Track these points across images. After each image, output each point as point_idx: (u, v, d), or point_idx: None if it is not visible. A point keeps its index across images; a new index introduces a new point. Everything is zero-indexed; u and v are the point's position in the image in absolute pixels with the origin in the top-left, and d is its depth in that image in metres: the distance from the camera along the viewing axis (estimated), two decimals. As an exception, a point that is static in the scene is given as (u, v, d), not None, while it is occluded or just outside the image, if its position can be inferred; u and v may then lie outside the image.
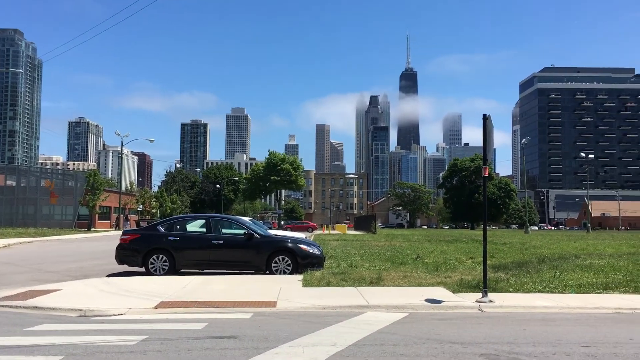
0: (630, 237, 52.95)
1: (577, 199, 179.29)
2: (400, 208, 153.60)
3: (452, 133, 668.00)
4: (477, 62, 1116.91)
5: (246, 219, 21.45)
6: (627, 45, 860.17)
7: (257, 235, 15.34)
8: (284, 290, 11.58)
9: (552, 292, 11.72)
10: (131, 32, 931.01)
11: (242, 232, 15.45)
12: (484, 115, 11.44)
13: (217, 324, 8.15)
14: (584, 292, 11.76)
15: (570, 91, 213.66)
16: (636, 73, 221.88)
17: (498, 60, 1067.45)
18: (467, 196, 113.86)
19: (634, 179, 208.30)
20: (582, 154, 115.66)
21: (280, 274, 14.81)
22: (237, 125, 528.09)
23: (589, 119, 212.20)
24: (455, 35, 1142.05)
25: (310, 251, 15.39)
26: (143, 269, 15.06)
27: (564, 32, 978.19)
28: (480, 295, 10.56)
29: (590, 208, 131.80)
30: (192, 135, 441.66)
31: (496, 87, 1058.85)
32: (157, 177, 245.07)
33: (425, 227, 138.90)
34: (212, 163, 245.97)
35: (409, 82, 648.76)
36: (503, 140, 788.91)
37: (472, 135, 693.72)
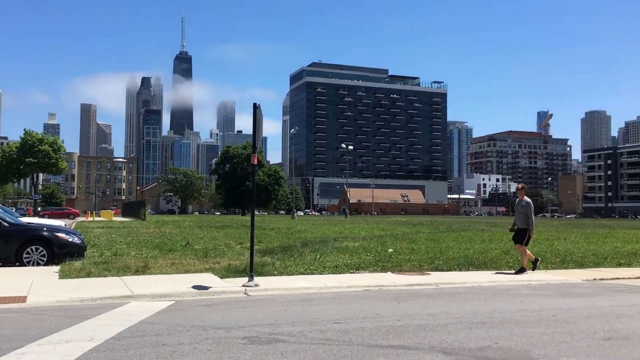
0: (381, 221, 59.27)
1: (338, 187, 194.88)
2: (172, 194, 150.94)
3: (227, 120, 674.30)
4: (260, 52, 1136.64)
5: (-7, 205, 19.07)
6: (383, 48, 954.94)
7: (6, 224, 13.75)
8: (36, 283, 10.53)
9: (312, 273, 12.54)
10: None
11: (-14, 220, 13.69)
12: (254, 104, 11.74)
13: (-50, 326, 7.08)
14: (340, 273, 12.79)
15: (335, 86, 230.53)
16: (389, 74, 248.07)
17: (280, 52, 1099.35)
18: (238, 182, 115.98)
19: (385, 169, 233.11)
20: (343, 145, 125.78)
21: (33, 265, 13.46)
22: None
23: (349, 113, 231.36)
24: (240, 24, 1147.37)
25: (70, 240, 14.26)
26: None
27: (333, 30, 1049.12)
28: (246, 279, 10.83)
29: (348, 195, 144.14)
30: None
31: (276, 78, 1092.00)
32: None
33: (197, 214, 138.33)
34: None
35: (183, 66, 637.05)
36: (275, 129, 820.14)
37: (245, 123, 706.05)
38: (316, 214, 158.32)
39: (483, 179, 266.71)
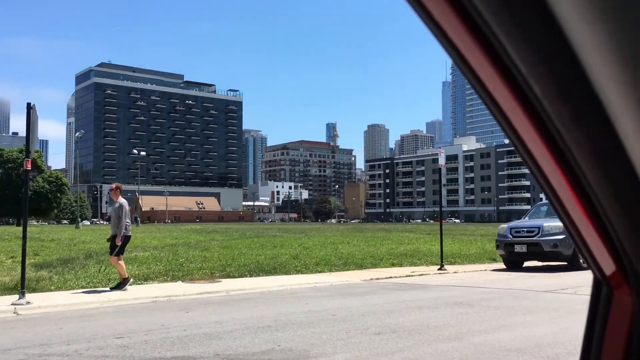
0: (175, 229, 57.97)
1: (129, 194, 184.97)
2: None
3: (0, 120, 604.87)
4: (47, 48, 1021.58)
5: None
6: (178, 53, 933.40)
7: None
8: None
9: (95, 286, 11.81)
10: None
11: None
12: (28, 104, 10.75)
13: None
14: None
15: (126, 89, 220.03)
16: (185, 80, 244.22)
17: (69, 50, 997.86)
18: (14, 190, 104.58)
19: (180, 176, 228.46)
20: (135, 151, 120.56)
21: None
22: None
23: (143, 118, 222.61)
24: (30, 17, 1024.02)
25: None
26: None
27: (127, 31, 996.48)
28: (17, 297, 9.81)
29: (141, 202, 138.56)
30: None
31: (64, 77, 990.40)
32: None
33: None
34: None
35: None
36: (60, 132, 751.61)
37: (24, 125, 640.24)
38: (105, 223, 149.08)
39: (277, 187, 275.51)
